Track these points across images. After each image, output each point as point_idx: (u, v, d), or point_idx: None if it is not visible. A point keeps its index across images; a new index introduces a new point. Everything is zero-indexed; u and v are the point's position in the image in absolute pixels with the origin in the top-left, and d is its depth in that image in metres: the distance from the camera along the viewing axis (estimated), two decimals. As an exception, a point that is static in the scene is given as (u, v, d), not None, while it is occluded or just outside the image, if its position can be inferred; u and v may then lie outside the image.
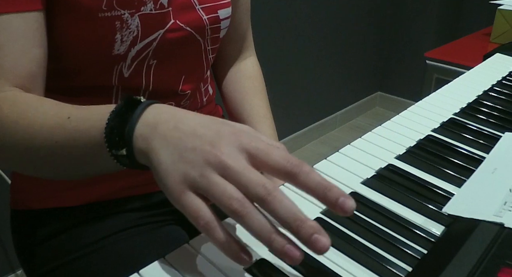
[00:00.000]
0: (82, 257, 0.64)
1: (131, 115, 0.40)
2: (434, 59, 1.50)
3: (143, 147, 0.39)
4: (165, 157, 0.37)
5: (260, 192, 0.34)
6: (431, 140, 0.64)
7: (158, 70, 0.62)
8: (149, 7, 0.57)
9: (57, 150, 0.46)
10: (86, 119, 0.44)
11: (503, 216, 0.46)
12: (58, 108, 0.47)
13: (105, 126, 0.41)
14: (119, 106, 0.41)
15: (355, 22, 2.36)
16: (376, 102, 2.80)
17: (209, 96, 0.74)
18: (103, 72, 0.59)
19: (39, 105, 0.49)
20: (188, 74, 0.66)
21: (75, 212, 0.65)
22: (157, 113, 0.40)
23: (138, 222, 0.67)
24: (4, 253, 1.40)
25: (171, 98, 0.66)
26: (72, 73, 0.59)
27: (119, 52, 0.57)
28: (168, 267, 0.41)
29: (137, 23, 0.56)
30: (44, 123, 0.46)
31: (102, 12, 0.53)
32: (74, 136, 0.44)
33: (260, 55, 0.84)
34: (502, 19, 1.48)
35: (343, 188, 0.53)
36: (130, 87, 0.61)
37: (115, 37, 0.55)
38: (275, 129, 0.76)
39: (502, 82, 0.85)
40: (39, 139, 0.46)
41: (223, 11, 0.65)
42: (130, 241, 0.65)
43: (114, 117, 0.41)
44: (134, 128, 0.40)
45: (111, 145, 0.41)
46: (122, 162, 0.42)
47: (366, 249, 0.44)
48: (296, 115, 2.27)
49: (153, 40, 0.59)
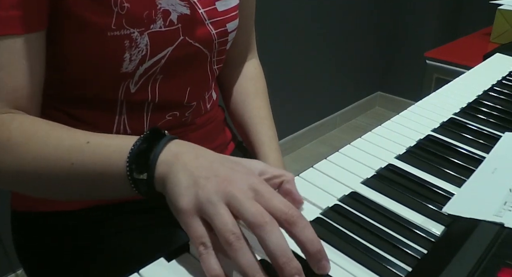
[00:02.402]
0: (82, 258, 0.64)
1: (157, 143, 0.43)
2: (434, 59, 1.50)
3: (164, 171, 0.42)
4: (181, 181, 0.40)
5: (258, 221, 0.37)
6: (431, 140, 0.64)
7: (164, 84, 0.61)
8: (159, 24, 0.56)
9: (72, 173, 0.46)
10: (107, 145, 0.46)
11: (503, 216, 0.46)
12: (72, 132, 0.49)
13: (130, 151, 0.44)
14: (146, 135, 0.45)
15: (355, 22, 2.36)
16: (376, 102, 2.80)
17: (213, 102, 0.74)
18: (109, 88, 0.59)
19: (49, 128, 0.49)
20: (194, 86, 0.66)
21: (75, 214, 0.65)
22: (179, 145, 0.44)
23: (138, 223, 0.67)
24: (4, 253, 1.40)
25: (176, 109, 0.66)
26: (78, 83, 0.58)
27: (127, 71, 0.56)
28: (168, 267, 0.42)
29: (146, 42, 0.55)
30: (59, 145, 0.47)
31: (111, 31, 0.52)
32: (94, 160, 0.45)
33: (260, 55, 0.84)
34: (502, 19, 1.48)
35: (343, 188, 0.53)
36: (135, 101, 0.61)
37: (124, 56, 0.54)
38: (275, 130, 0.77)
39: (502, 82, 0.85)
40: (53, 160, 0.47)
41: (231, 24, 0.64)
42: (130, 241, 0.65)
43: (140, 144, 0.44)
44: (158, 154, 0.43)
45: (133, 169, 0.43)
46: (139, 187, 0.44)
47: (366, 249, 0.44)
48: (296, 115, 2.26)
49: (161, 57, 0.58)
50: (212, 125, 0.74)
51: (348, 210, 0.49)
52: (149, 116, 0.63)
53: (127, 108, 0.61)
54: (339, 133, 2.53)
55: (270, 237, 0.36)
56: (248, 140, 0.76)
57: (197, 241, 0.39)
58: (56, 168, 0.47)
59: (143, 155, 0.43)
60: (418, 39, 2.47)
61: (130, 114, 0.62)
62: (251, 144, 0.75)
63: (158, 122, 0.65)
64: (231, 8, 0.64)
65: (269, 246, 0.36)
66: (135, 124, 0.63)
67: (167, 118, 0.65)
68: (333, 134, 2.51)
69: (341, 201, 0.51)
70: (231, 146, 0.81)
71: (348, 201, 0.50)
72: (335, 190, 0.52)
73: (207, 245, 0.38)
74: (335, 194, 0.52)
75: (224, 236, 0.37)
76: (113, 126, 0.62)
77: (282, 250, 0.36)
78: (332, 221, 0.47)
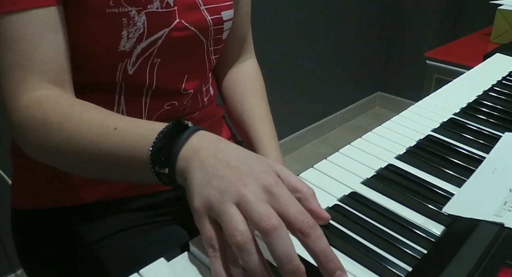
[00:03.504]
0: (82, 257, 0.64)
1: (179, 138, 0.43)
2: (434, 59, 1.50)
3: (183, 167, 0.42)
4: (196, 179, 0.40)
5: (265, 224, 0.36)
6: (431, 140, 0.64)
7: (161, 69, 0.62)
8: (156, 5, 0.57)
9: (100, 157, 0.48)
10: (134, 134, 0.46)
11: (503, 216, 0.46)
12: (103, 116, 0.49)
13: (152, 145, 0.43)
14: (168, 128, 0.44)
15: (355, 22, 2.36)
16: (376, 102, 2.80)
17: (210, 97, 0.74)
18: (107, 68, 0.59)
19: (83, 109, 0.50)
20: (191, 73, 0.66)
21: (75, 212, 0.65)
22: (201, 140, 0.43)
23: (139, 222, 0.67)
24: (4, 253, 1.40)
25: (174, 97, 0.66)
26: (76, 68, 0.59)
27: (125, 49, 0.57)
28: (168, 267, 0.42)
29: (143, 21, 0.56)
30: (89, 130, 0.48)
31: (109, 8, 0.54)
32: (120, 147, 0.46)
33: (259, 55, 0.84)
34: (502, 19, 1.48)
35: (343, 188, 0.53)
36: (133, 84, 0.61)
37: (122, 33, 0.56)
38: (274, 130, 0.77)
39: (502, 82, 0.85)
40: (83, 144, 0.48)
41: (226, 13, 0.65)
42: (130, 241, 0.65)
43: (162, 138, 0.43)
44: (179, 150, 0.42)
45: (156, 163, 0.43)
46: (162, 179, 0.44)
47: (366, 249, 0.44)
48: (296, 115, 2.26)
49: (158, 38, 0.59)
50: (210, 122, 0.74)
51: (348, 210, 0.49)
52: (148, 104, 0.64)
53: (125, 94, 0.62)
54: (339, 133, 2.53)
55: (276, 242, 0.35)
56: (248, 139, 0.76)
57: (206, 242, 0.38)
58: (86, 151, 0.48)
59: (165, 151, 0.43)
60: (418, 39, 2.47)
61: (128, 99, 0.62)
62: (251, 143, 0.75)
63: (157, 111, 0.65)
64: None
65: (275, 251, 0.35)
66: (133, 114, 0.63)
67: (165, 107, 0.65)
68: (333, 134, 2.51)
69: (341, 201, 0.51)
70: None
71: (348, 201, 0.50)
72: (335, 190, 0.52)
73: (215, 247, 0.38)
74: (335, 194, 0.52)
75: (231, 234, 0.36)
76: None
77: (289, 256, 0.35)
78: (333, 221, 0.47)
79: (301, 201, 0.41)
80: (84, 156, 0.48)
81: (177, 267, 0.42)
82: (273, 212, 0.37)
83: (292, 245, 0.36)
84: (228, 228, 0.36)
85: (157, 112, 0.65)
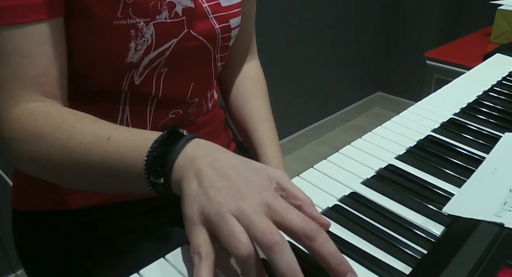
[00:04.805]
0: (82, 258, 0.64)
1: (174, 147, 0.42)
2: (434, 59, 1.51)
3: (179, 176, 0.41)
4: (192, 187, 0.40)
5: (268, 241, 0.35)
6: (431, 140, 0.64)
7: (168, 78, 0.62)
8: (164, 15, 0.56)
9: (94, 169, 0.47)
10: (128, 143, 0.45)
11: (503, 216, 0.46)
12: (97, 126, 0.49)
13: (147, 154, 0.43)
14: (163, 137, 0.44)
15: (355, 22, 2.36)
16: (376, 102, 2.80)
17: (214, 101, 0.74)
18: (113, 79, 0.58)
19: (75, 120, 0.49)
20: (197, 82, 0.66)
21: (76, 214, 0.65)
22: (197, 148, 0.43)
23: (139, 224, 0.67)
24: (4, 253, 1.40)
25: (179, 105, 0.66)
26: (82, 77, 0.59)
27: (132, 61, 0.56)
28: (168, 267, 0.42)
29: (151, 32, 0.55)
30: (82, 140, 0.47)
31: (117, 20, 0.53)
32: (114, 158, 0.45)
33: (260, 55, 0.84)
34: (502, 19, 1.48)
35: (343, 188, 0.53)
36: (139, 94, 0.61)
37: (129, 45, 0.54)
38: (275, 131, 0.77)
39: (502, 82, 0.85)
40: (76, 155, 0.47)
41: (234, 20, 0.65)
42: (130, 241, 0.65)
43: (157, 147, 0.43)
44: (175, 159, 0.42)
45: (151, 172, 0.43)
46: (157, 189, 0.44)
47: (366, 249, 0.44)
48: (296, 115, 2.27)
49: (166, 49, 0.58)
50: (213, 125, 0.74)
51: (348, 210, 0.49)
52: (152, 113, 0.63)
53: (130, 103, 0.61)
54: (339, 133, 2.53)
55: (280, 258, 0.35)
56: (249, 141, 0.76)
57: (193, 250, 0.38)
58: (79, 162, 0.47)
59: (160, 160, 0.42)
60: (418, 39, 2.47)
61: (133, 108, 0.62)
62: (252, 144, 0.75)
63: (161, 120, 0.65)
64: (234, 4, 0.64)
65: (278, 267, 0.35)
66: (137, 122, 0.63)
67: (170, 116, 0.65)
68: (333, 134, 2.51)
69: (341, 201, 0.51)
70: (232, 146, 0.81)
71: (348, 201, 0.50)
72: (335, 190, 0.52)
73: (202, 256, 0.37)
74: (335, 194, 0.52)
75: (232, 246, 0.35)
76: (116, 123, 0.62)
77: (293, 272, 0.35)
78: (333, 221, 0.47)
79: (302, 208, 0.40)
80: (77, 167, 0.48)
81: (177, 267, 0.41)
82: (274, 227, 0.36)
83: (295, 260, 0.35)
84: (230, 240, 0.36)
85: (162, 121, 0.65)
